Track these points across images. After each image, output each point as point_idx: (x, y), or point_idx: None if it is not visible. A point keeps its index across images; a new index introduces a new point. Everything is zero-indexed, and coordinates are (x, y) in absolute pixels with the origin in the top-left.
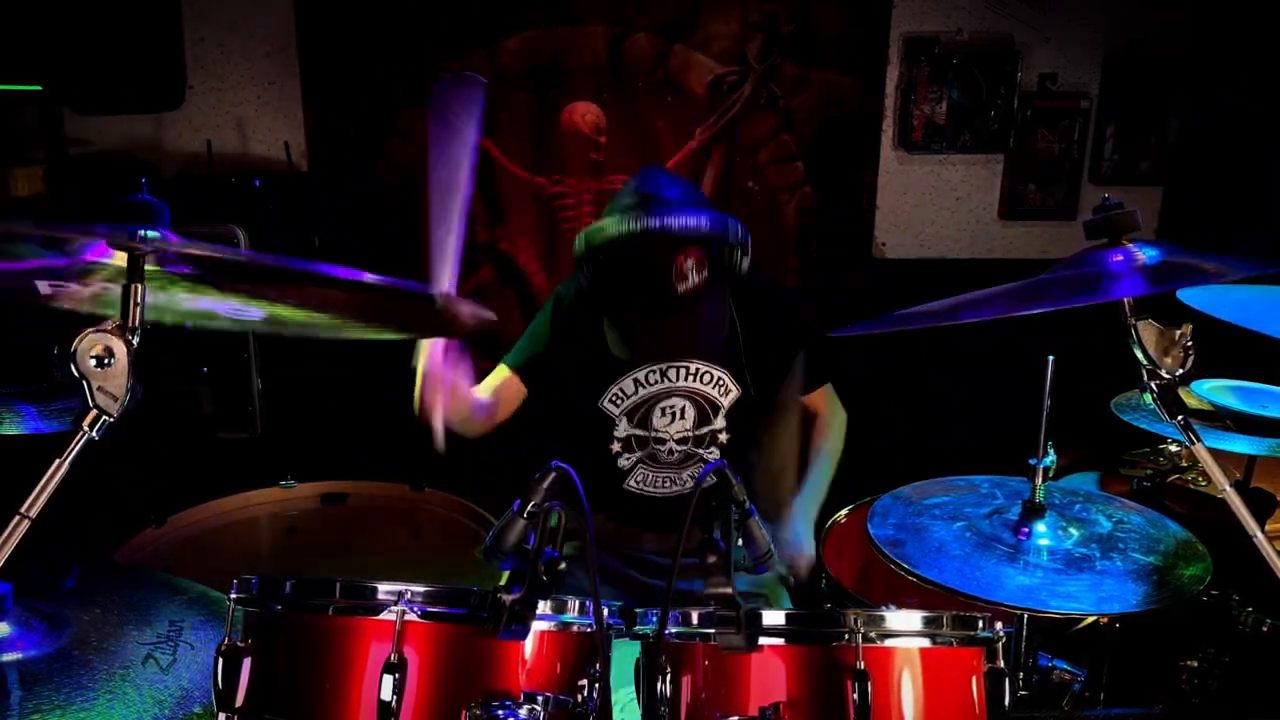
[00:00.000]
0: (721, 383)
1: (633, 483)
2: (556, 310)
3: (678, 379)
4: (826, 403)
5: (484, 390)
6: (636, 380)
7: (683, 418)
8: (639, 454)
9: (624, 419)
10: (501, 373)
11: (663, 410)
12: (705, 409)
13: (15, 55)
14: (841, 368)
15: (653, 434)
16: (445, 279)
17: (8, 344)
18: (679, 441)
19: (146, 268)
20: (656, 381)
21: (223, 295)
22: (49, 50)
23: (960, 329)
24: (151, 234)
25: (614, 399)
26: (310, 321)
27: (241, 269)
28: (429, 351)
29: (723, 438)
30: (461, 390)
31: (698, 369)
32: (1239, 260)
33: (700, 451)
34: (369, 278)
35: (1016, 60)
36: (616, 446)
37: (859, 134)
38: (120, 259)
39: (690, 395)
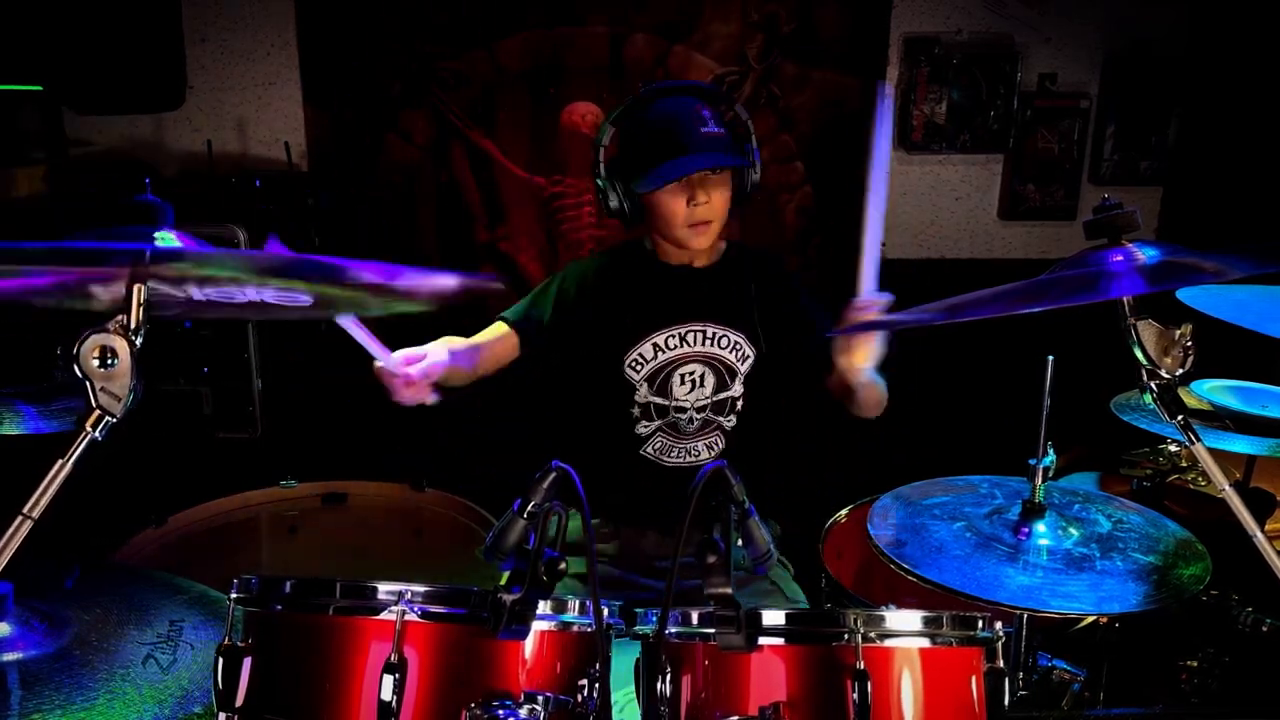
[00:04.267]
0: (739, 347)
1: (649, 450)
2: (566, 277)
3: (695, 343)
4: None
5: (473, 340)
6: (655, 345)
7: (702, 385)
8: (658, 422)
9: (644, 384)
10: (499, 328)
11: (682, 378)
12: (723, 374)
13: (15, 55)
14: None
15: (673, 402)
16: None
17: (8, 344)
18: (698, 410)
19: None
20: (675, 346)
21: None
22: (49, 50)
23: (961, 329)
24: (165, 237)
25: (634, 364)
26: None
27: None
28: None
29: (740, 405)
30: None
31: (713, 332)
32: (1239, 259)
33: (719, 419)
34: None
35: (1016, 60)
36: (636, 412)
37: (859, 134)
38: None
39: (708, 360)
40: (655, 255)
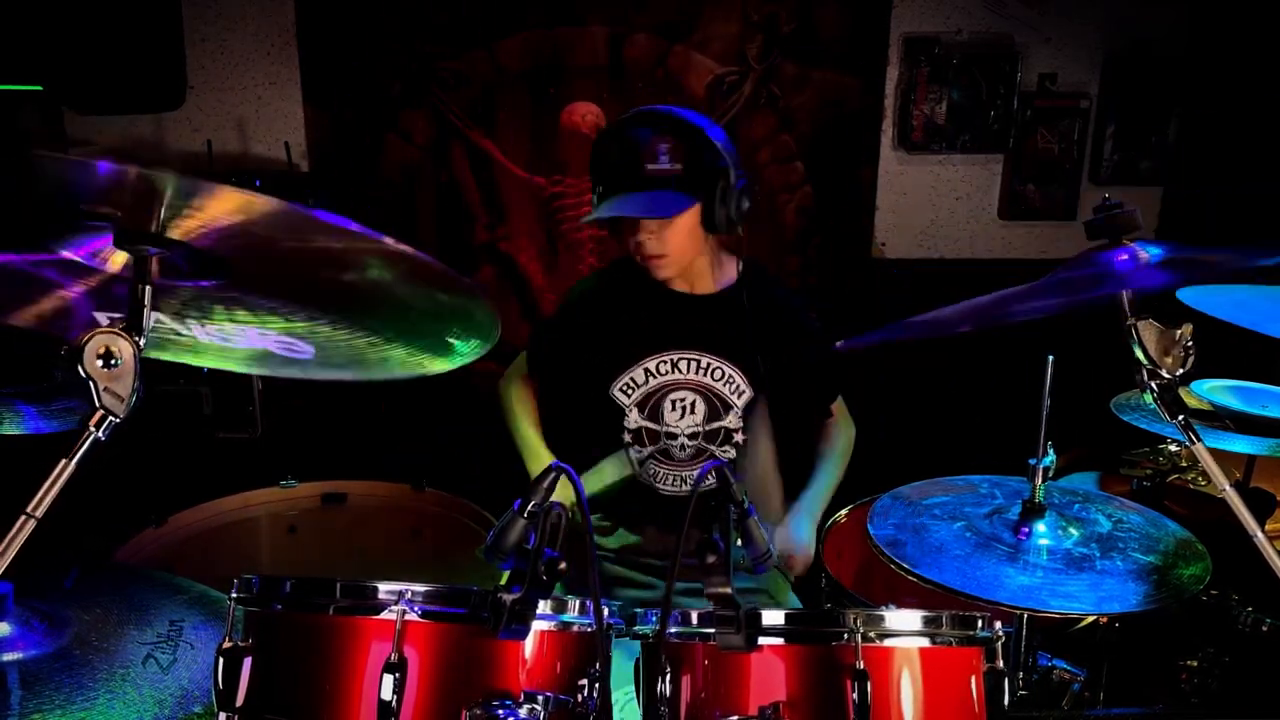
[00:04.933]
0: (733, 380)
1: (643, 477)
2: (567, 301)
3: (687, 371)
4: (836, 414)
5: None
6: (647, 370)
7: (693, 412)
8: (651, 448)
9: (634, 409)
10: (522, 367)
11: (673, 404)
12: (716, 405)
13: (15, 55)
14: (849, 381)
15: (664, 428)
16: None
17: (8, 344)
18: (690, 437)
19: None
20: (667, 372)
21: (265, 319)
22: (49, 50)
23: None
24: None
25: (624, 388)
26: (357, 345)
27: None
28: None
29: (738, 437)
30: None
31: (708, 364)
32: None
33: (712, 448)
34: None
35: (1016, 60)
36: (627, 438)
37: (859, 134)
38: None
39: (700, 390)
40: (656, 282)
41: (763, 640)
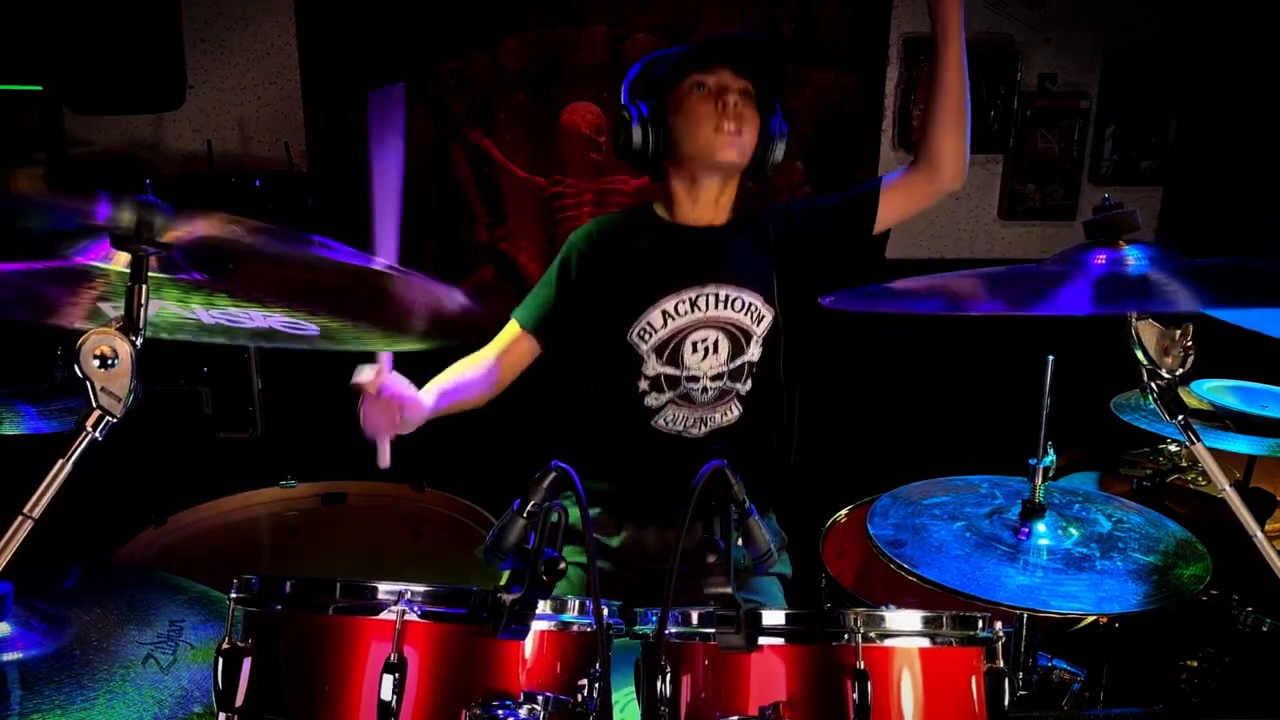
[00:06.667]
0: (753, 309)
1: (661, 421)
2: (569, 250)
3: (708, 308)
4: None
5: (489, 353)
6: (665, 312)
7: (715, 352)
8: (670, 394)
9: (653, 355)
10: (512, 330)
11: (694, 345)
12: (739, 339)
13: (15, 55)
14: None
15: (685, 372)
16: (389, 249)
17: (8, 344)
18: (713, 378)
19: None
20: (686, 312)
21: (266, 306)
22: (49, 50)
23: (960, 329)
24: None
25: (642, 333)
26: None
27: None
28: (379, 367)
29: (756, 368)
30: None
31: (728, 295)
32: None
33: (736, 386)
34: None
35: (1016, 60)
36: (644, 385)
37: (859, 134)
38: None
39: (722, 326)
40: (665, 220)
41: (763, 640)
